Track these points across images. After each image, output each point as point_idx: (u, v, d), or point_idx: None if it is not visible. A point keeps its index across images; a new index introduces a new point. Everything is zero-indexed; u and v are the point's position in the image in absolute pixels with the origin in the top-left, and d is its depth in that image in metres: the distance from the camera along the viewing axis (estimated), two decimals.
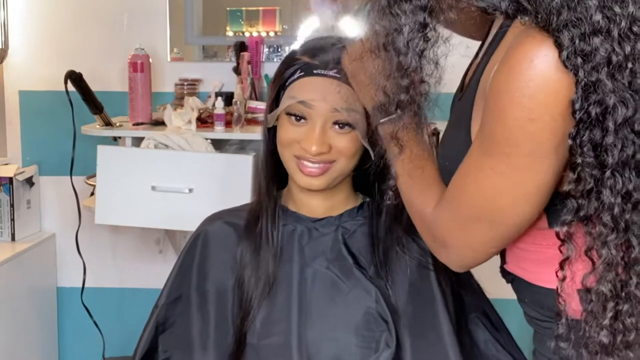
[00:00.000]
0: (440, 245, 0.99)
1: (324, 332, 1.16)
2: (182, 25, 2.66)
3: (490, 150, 0.86)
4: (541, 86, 0.79)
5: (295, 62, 1.17)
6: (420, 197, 1.01)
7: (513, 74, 0.80)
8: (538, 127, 0.81)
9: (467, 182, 0.91)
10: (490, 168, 0.87)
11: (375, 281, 1.17)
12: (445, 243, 0.97)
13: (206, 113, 2.28)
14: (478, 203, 0.90)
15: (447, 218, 0.95)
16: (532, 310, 1.04)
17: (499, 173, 0.86)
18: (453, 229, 0.95)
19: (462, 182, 0.93)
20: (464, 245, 0.95)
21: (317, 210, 1.22)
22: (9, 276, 2.43)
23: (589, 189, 0.82)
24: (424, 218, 1.00)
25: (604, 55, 0.77)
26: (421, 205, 1.01)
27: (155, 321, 1.25)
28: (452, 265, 1.01)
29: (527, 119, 0.80)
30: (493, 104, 0.84)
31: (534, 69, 0.79)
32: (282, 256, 1.20)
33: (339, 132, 1.14)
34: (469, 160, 0.91)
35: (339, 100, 1.12)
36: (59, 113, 2.44)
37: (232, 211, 1.29)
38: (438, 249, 1.00)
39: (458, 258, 0.99)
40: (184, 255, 1.26)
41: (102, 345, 2.51)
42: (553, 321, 0.95)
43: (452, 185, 0.95)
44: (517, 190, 0.87)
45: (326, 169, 1.15)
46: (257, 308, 1.17)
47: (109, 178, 1.94)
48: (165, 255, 2.56)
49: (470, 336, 1.20)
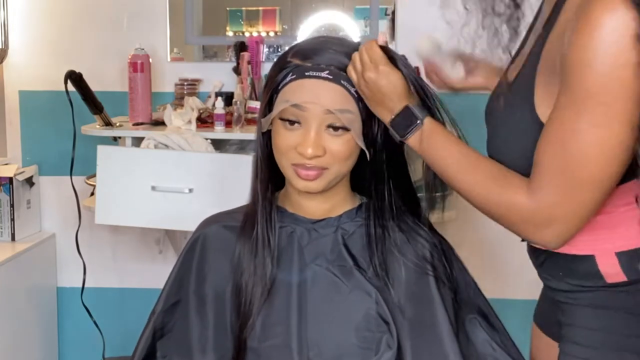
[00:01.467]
0: (544, 227, 0.99)
1: (325, 333, 1.16)
2: (182, 25, 2.66)
3: (584, 106, 0.90)
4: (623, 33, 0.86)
5: (286, 65, 1.16)
6: (501, 191, 1.02)
7: (595, 28, 0.87)
8: (629, 72, 0.87)
9: (567, 148, 0.93)
10: (589, 124, 0.91)
11: (374, 282, 1.17)
12: (552, 221, 0.98)
13: (206, 113, 2.28)
14: (585, 164, 0.93)
15: (552, 194, 0.96)
16: (565, 284, 1.09)
17: (599, 126, 0.90)
18: (561, 203, 0.96)
19: (560, 151, 0.94)
20: (573, 216, 0.97)
21: (316, 212, 1.22)
22: (9, 276, 2.43)
23: None
24: (518, 208, 1.00)
25: None
26: (508, 199, 1.01)
27: (153, 327, 1.24)
28: (557, 242, 1.01)
29: (617, 64, 0.87)
30: (578, 60, 0.89)
31: (614, 20, 0.87)
32: (282, 258, 1.20)
33: (333, 135, 1.13)
34: (559, 128, 0.94)
35: (332, 102, 1.12)
36: (59, 113, 2.44)
37: (229, 214, 1.28)
38: (542, 231, 1.00)
39: (565, 232, 0.99)
40: (182, 258, 1.26)
41: (102, 345, 2.51)
42: (586, 290, 1.05)
43: (548, 159, 0.96)
44: (618, 139, 0.91)
45: (320, 174, 1.15)
46: (256, 313, 1.17)
47: (109, 178, 1.94)
48: (165, 256, 2.56)
49: (467, 336, 1.20)
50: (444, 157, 1.08)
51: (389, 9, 2.61)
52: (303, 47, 1.19)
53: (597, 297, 1.04)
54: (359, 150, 1.16)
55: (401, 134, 1.11)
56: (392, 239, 1.19)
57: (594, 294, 1.04)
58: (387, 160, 1.19)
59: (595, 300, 1.04)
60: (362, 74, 1.10)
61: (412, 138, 1.11)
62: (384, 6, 2.62)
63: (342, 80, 1.12)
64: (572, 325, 1.10)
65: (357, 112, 1.13)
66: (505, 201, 1.02)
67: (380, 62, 1.10)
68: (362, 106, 1.14)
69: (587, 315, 1.06)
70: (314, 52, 1.15)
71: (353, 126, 1.13)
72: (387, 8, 2.62)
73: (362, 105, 1.14)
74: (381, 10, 2.62)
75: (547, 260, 1.12)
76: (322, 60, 1.13)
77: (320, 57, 1.14)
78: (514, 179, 1.02)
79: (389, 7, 2.61)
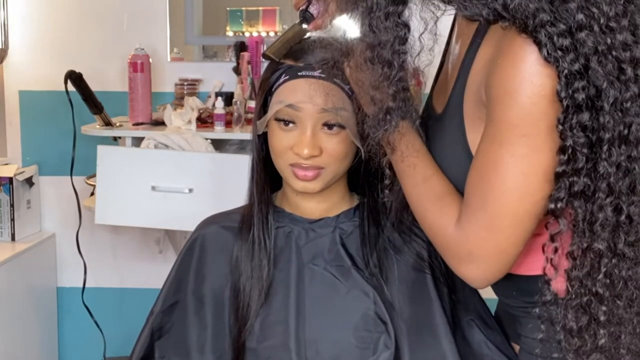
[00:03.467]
0: (466, 261, 0.98)
1: (323, 333, 1.16)
2: (182, 25, 2.66)
3: (507, 138, 0.90)
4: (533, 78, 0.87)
5: (279, 65, 1.17)
6: (435, 214, 1.01)
7: (517, 60, 0.88)
8: (548, 105, 0.87)
9: (489, 181, 0.93)
10: (511, 155, 0.90)
11: (372, 282, 1.17)
12: (474, 257, 0.97)
13: (206, 113, 2.28)
14: (506, 197, 0.92)
15: (474, 229, 0.95)
16: (518, 301, 1.11)
17: (520, 157, 0.90)
18: (483, 237, 0.95)
19: (483, 184, 0.94)
20: (495, 252, 0.96)
21: (314, 212, 1.22)
22: (9, 276, 2.43)
23: (580, 167, 0.89)
24: (445, 236, 0.99)
25: (591, 46, 0.86)
26: (439, 224, 1.00)
27: (151, 328, 1.24)
28: (479, 280, 1.00)
29: (540, 95, 0.87)
30: (501, 91, 0.89)
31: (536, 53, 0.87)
32: (280, 258, 1.20)
33: (328, 134, 1.13)
34: (483, 160, 0.94)
35: (327, 101, 1.12)
36: (59, 113, 2.44)
37: (227, 214, 1.28)
38: (464, 265, 0.99)
39: (487, 270, 0.98)
40: (181, 259, 1.26)
41: (102, 345, 2.50)
42: (538, 304, 1.03)
43: (472, 192, 0.96)
44: (540, 170, 0.90)
45: (318, 174, 1.15)
46: (254, 316, 1.17)
47: (109, 178, 1.94)
48: (165, 255, 2.56)
49: (464, 336, 1.20)
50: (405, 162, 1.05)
51: None
52: (295, 47, 1.19)
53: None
54: (356, 149, 1.16)
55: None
56: (388, 238, 1.19)
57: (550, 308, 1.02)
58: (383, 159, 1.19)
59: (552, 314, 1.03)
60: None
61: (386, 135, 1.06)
62: None
63: (335, 78, 1.12)
64: (528, 337, 1.11)
65: (352, 110, 1.13)
66: (436, 225, 1.01)
67: None
68: (357, 103, 1.14)
69: (545, 328, 1.05)
70: (306, 51, 1.15)
71: (348, 124, 1.13)
72: None
73: (357, 103, 1.14)
74: None
75: (499, 280, 1.09)
76: (314, 59, 1.14)
77: (312, 56, 1.14)
78: (452, 206, 1.00)
79: None
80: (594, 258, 0.93)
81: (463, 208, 0.97)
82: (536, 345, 1.07)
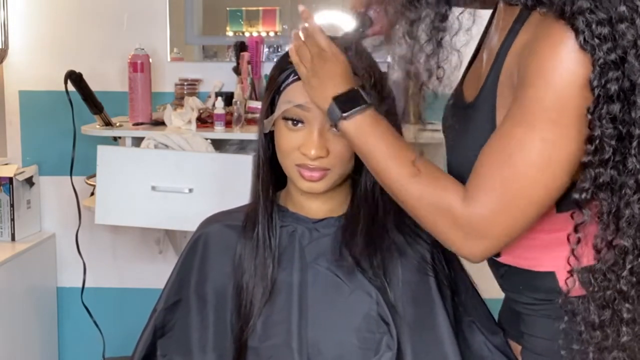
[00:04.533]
0: (473, 237, 0.97)
1: (325, 333, 1.16)
2: (182, 25, 2.66)
3: (538, 121, 0.90)
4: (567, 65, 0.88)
5: (288, 65, 1.16)
6: (435, 192, 0.99)
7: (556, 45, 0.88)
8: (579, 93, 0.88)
9: (511, 160, 0.92)
10: (541, 139, 0.90)
11: (375, 283, 1.17)
12: (482, 234, 0.96)
13: (206, 113, 2.28)
14: (528, 179, 0.92)
15: (488, 207, 0.94)
16: (525, 297, 1.10)
17: (550, 142, 0.90)
18: (496, 216, 0.94)
19: (504, 164, 0.93)
20: (504, 231, 0.96)
21: (318, 212, 1.22)
22: (9, 276, 2.43)
23: (607, 158, 0.88)
24: (451, 213, 0.97)
25: (630, 39, 0.87)
26: (442, 201, 0.98)
27: (154, 325, 1.24)
28: (479, 256, 1.00)
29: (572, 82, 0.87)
30: (536, 73, 0.89)
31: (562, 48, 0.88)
32: (283, 257, 1.20)
33: (336, 135, 1.13)
34: (507, 139, 0.93)
35: None
36: (59, 113, 2.44)
37: (229, 213, 1.28)
38: (469, 241, 0.97)
39: (489, 247, 0.98)
40: (184, 258, 1.26)
41: (102, 345, 2.51)
42: (545, 303, 1.05)
43: (488, 171, 0.95)
44: (564, 158, 0.91)
45: (324, 175, 1.15)
46: (257, 314, 1.17)
47: (109, 178, 1.94)
48: (165, 256, 2.56)
49: (465, 338, 1.20)
50: (381, 147, 1.03)
51: None
52: None
53: (557, 309, 1.02)
54: None
55: (344, 109, 1.04)
56: (392, 239, 1.19)
57: (553, 306, 1.03)
58: None
59: (555, 312, 1.03)
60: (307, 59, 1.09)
61: (351, 120, 1.04)
62: None
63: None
64: (532, 335, 1.11)
65: None
66: (437, 203, 0.98)
67: (325, 43, 1.09)
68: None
69: (547, 326, 1.06)
70: None
71: None
72: None
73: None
74: None
75: (507, 273, 1.12)
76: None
77: None
78: (449, 183, 0.99)
79: None
80: (619, 254, 0.93)
81: (474, 186, 0.96)
82: (539, 343, 1.08)
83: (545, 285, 1.04)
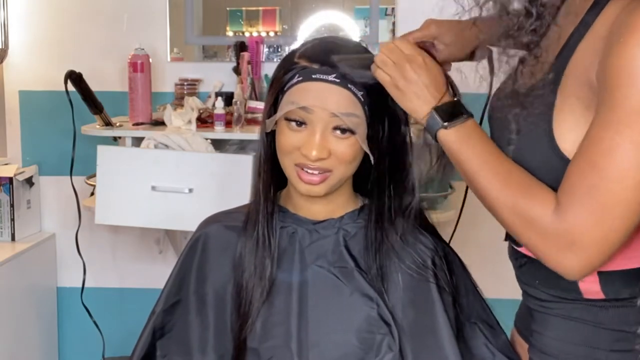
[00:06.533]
0: (568, 250, 0.92)
1: (325, 335, 1.15)
2: (182, 25, 2.66)
3: (627, 124, 0.85)
4: None
5: (293, 65, 1.15)
6: (525, 203, 0.96)
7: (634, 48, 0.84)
8: None
9: (602, 168, 0.88)
10: (630, 142, 0.86)
11: (375, 284, 1.17)
12: (577, 246, 0.91)
13: (206, 113, 2.28)
14: (621, 184, 0.87)
15: (580, 216, 0.90)
16: (541, 293, 1.07)
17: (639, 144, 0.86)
18: (589, 226, 0.90)
19: (594, 170, 0.89)
20: (600, 242, 0.90)
21: (318, 214, 1.22)
22: (9, 276, 2.44)
23: None
24: (540, 224, 0.93)
25: None
26: (531, 212, 0.94)
27: (153, 326, 1.24)
28: (577, 270, 0.94)
29: None
30: (623, 72, 0.85)
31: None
32: (283, 258, 1.20)
33: (339, 137, 1.13)
34: (596, 144, 0.89)
35: (339, 105, 1.11)
36: (59, 113, 2.44)
37: (229, 213, 1.28)
38: (563, 255, 0.93)
39: (587, 260, 0.92)
40: (183, 258, 1.26)
41: (102, 345, 2.51)
42: (561, 301, 1.04)
43: (578, 179, 0.91)
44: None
45: (325, 178, 1.14)
46: (256, 314, 1.17)
47: (109, 178, 1.94)
48: (165, 256, 2.56)
49: (467, 341, 1.20)
50: (479, 159, 1.01)
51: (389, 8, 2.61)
52: (310, 48, 1.18)
53: (570, 309, 1.02)
54: (363, 154, 1.16)
55: (446, 119, 1.04)
56: (391, 243, 1.19)
57: (568, 306, 1.03)
58: (390, 165, 1.18)
59: (569, 312, 1.02)
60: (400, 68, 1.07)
61: (452, 130, 1.04)
62: (384, 6, 2.62)
63: (349, 84, 1.12)
64: (542, 334, 1.09)
65: (363, 116, 1.12)
66: (527, 214, 0.94)
67: (421, 54, 1.08)
68: (368, 110, 1.14)
69: (558, 326, 1.05)
70: (322, 53, 1.14)
71: (358, 130, 1.12)
72: (387, 8, 2.62)
73: (368, 109, 1.14)
74: (381, 10, 2.63)
75: (527, 264, 1.09)
76: (330, 63, 1.13)
77: (327, 59, 1.13)
78: (540, 192, 0.95)
79: (388, 7, 2.61)
80: None
81: (565, 195, 0.92)
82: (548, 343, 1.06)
83: (563, 283, 0.99)
